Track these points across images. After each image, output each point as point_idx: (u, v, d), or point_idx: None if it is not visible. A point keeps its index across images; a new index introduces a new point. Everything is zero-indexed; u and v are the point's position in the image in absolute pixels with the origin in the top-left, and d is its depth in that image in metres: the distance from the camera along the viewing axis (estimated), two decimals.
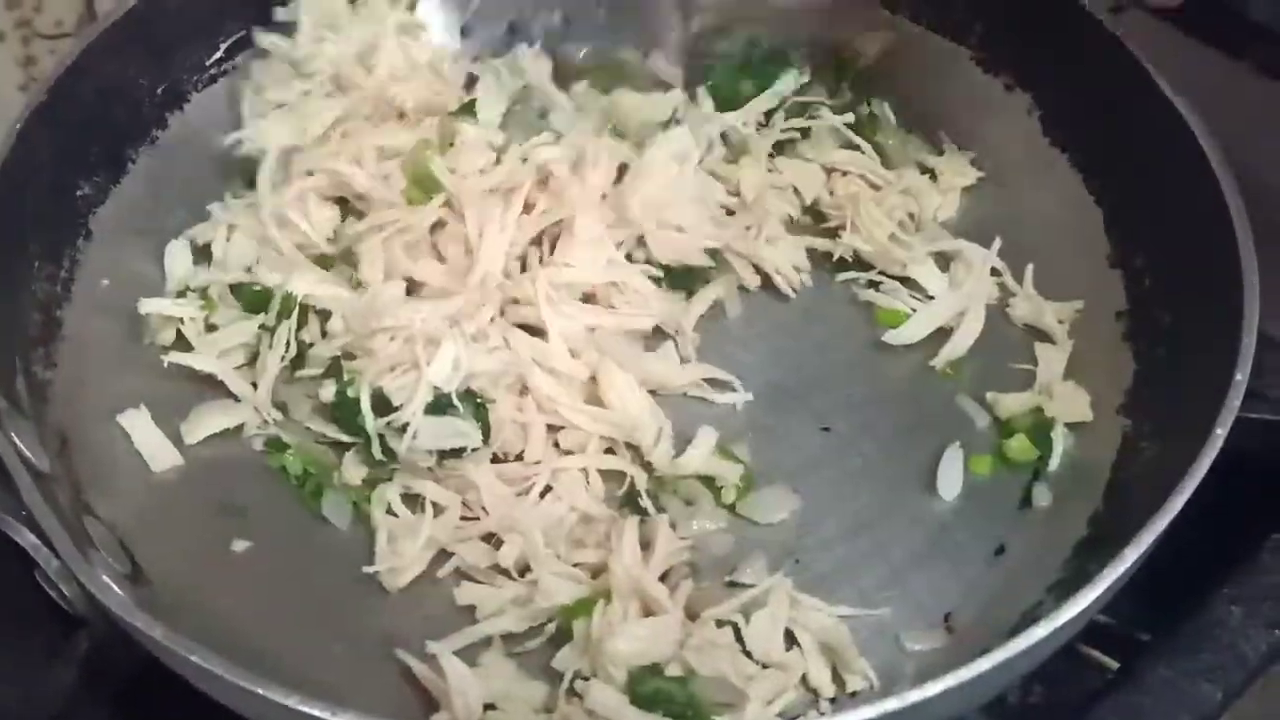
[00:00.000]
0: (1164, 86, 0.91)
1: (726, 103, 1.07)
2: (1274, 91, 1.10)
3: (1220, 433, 0.74)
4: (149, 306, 0.94)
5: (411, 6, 1.08)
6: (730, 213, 1.01)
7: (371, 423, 0.85)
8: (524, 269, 0.94)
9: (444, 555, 0.85)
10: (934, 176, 1.04)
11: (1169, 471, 0.75)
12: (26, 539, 0.75)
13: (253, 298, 0.94)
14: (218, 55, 1.05)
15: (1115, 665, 0.89)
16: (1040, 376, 0.93)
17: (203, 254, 0.99)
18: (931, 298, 0.97)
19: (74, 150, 0.96)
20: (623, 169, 0.98)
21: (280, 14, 1.05)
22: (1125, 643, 0.88)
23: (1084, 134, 1.00)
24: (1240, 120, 0.94)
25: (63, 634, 0.82)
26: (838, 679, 0.79)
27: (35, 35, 1.24)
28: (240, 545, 0.86)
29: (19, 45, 1.23)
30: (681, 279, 0.97)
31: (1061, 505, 0.87)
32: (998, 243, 0.98)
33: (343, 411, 0.87)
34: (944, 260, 1.00)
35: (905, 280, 0.99)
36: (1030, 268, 0.98)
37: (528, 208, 0.95)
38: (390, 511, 0.86)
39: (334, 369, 0.89)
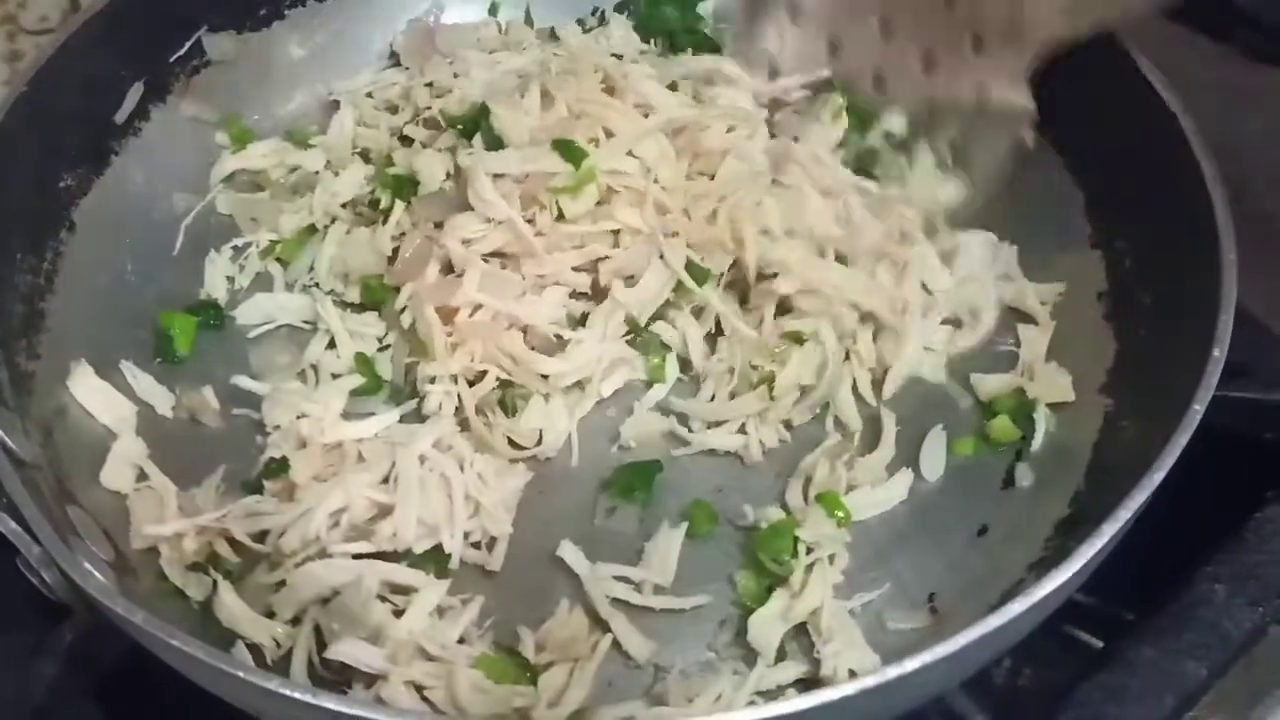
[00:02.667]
0: (1146, 70, 0.92)
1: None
2: (1257, 75, 1.10)
3: (1198, 409, 0.75)
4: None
5: None
6: None
7: None
8: None
9: None
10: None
11: (1149, 450, 0.75)
12: (8, 526, 0.75)
13: None
14: (198, 46, 1.05)
15: (1100, 645, 0.89)
16: (1023, 357, 0.93)
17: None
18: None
19: (56, 142, 0.96)
20: None
21: None
22: (1110, 622, 0.88)
23: (1067, 116, 1.00)
24: (1223, 103, 0.94)
25: (47, 625, 0.82)
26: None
27: (20, 30, 1.24)
28: None
29: (3, 40, 1.23)
30: None
31: (1043, 485, 0.87)
32: (1014, 250, 0.98)
33: None
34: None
35: None
36: (1014, 249, 0.98)
37: None
38: None
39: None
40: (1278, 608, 0.84)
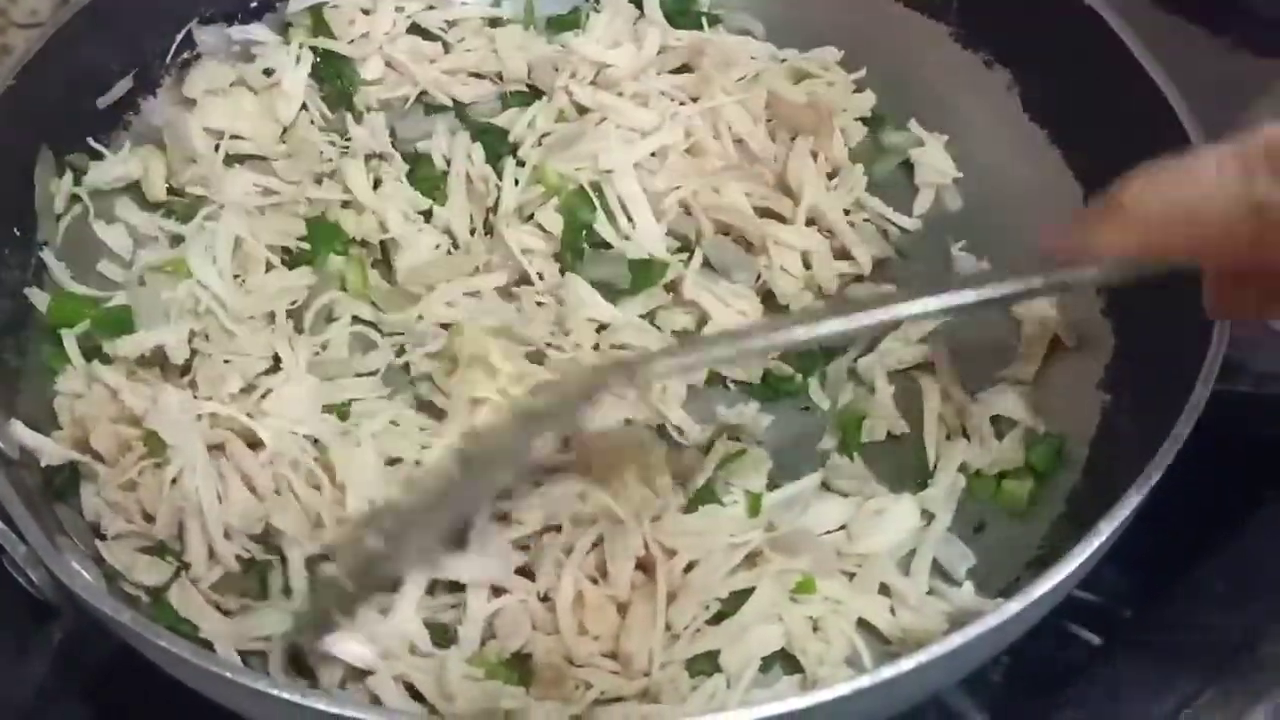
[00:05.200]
0: (1144, 62, 0.91)
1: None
2: (1255, 67, 1.09)
3: (1196, 406, 0.74)
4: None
5: None
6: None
7: None
8: None
9: None
10: (911, 169, 1.03)
11: (1147, 447, 0.74)
12: None
13: None
14: (189, 39, 1.04)
15: (1098, 641, 0.89)
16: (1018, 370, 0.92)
17: None
18: None
19: (43, 136, 0.95)
20: None
21: None
22: (1108, 618, 0.88)
23: (1064, 110, 0.99)
24: (1222, 97, 0.93)
25: (34, 625, 0.81)
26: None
27: (10, 24, 1.23)
28: None
29: None
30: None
31: (1040, 481, 0.86)
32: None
33: None
34: None
35: None
36: None
37: None
38: None
39: None
40: (1277, 605, 0.84)
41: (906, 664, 0.64)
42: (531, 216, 0.96)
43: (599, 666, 0.76)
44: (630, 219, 0.95)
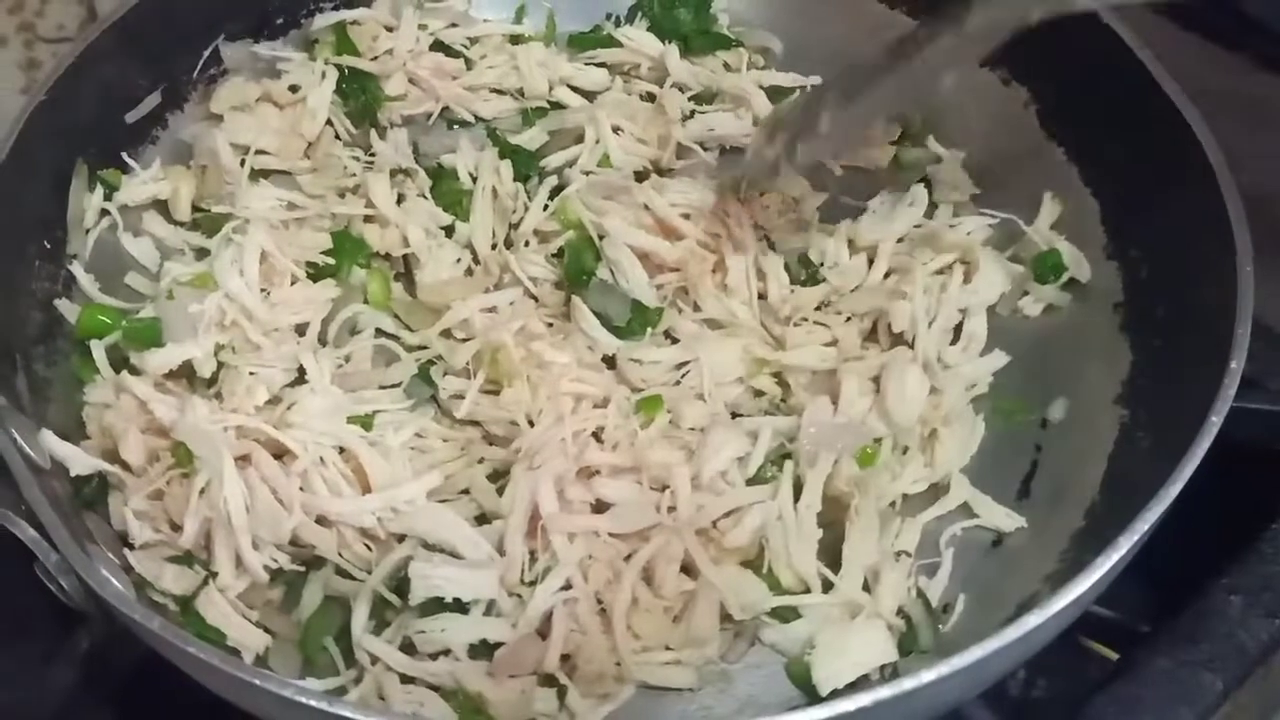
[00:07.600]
0: (1161, 80, 0.91)
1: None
2: (1271, 83, 1.10)
3: (1215, 421, 0.74)
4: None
5: None
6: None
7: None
8: None
9: None
10: (930, 186, 1.04)
11: (1165, 461, 0.74)
12: (26, 533, 0.76)
13: None
14: (216, 56, 1.06)
15: (1116, 656, 0.89)
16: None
17: None
18: None
19: (74, 150, 0.97)
20: None
21: None
22: (1126, 633, 0.88)
23: (1081, 127, 1.00)
24: (1236, 112, 0.94)
25: (64, 632, 0.82)
26: None
27: (37, 39, 1.24)
28: None
29: (21, 49, 1.23)
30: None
31: (1058, 496, 0.87)
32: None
33: None
34: None
35: None
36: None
37: None
38: None
39: None
40: None
41: (925, 677, 0.65)
42: (546, 240, 0.99)
43: (649, 662, 0.78)
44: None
